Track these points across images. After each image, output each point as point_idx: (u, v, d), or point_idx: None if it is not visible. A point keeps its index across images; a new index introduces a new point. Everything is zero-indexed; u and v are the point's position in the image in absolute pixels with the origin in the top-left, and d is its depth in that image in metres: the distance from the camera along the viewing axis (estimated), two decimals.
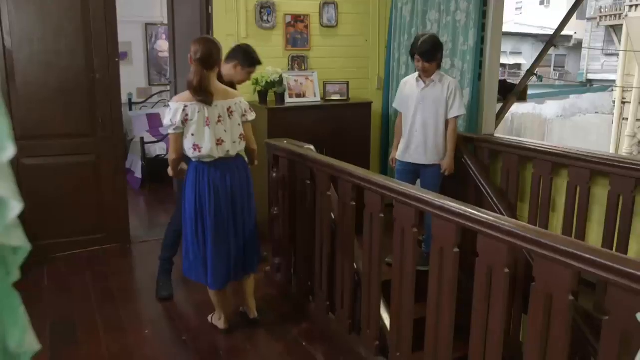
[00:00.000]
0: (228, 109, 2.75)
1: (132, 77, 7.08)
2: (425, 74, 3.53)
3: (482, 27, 3.91)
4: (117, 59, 4.14)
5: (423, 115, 3.58)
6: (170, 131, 2.72)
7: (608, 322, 1.56)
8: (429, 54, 3.44)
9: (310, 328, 3.09)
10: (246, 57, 3.42)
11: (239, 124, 2.80)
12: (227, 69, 3.36)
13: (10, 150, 0.80)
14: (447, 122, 3.58)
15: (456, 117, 3.60)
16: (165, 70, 7.53)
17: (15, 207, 0.80)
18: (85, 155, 4.13)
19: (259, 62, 3.51)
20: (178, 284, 3.69)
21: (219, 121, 2.72)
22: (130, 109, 7.28)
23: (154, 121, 7.10)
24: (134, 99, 7.41)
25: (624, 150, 12.58)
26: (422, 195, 2.22)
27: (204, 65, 2.67)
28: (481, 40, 3.95)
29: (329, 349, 2.88)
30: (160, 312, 3.29)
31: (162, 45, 7.52)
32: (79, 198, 4.11)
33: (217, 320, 3.07)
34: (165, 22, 6.88)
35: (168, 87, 7.34)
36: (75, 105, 4.03)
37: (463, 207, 2.01)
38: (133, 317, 3.22)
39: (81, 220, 4.12)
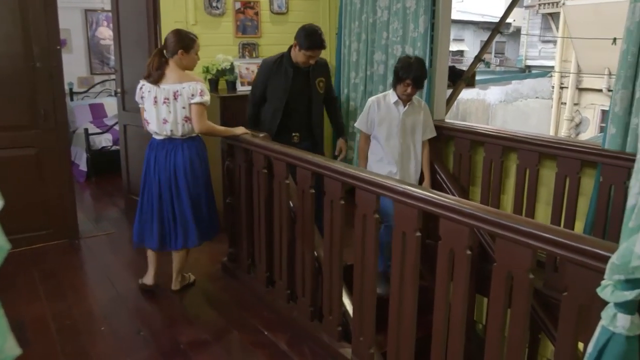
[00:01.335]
0: (174, 92, 3.02)
1: (72, 66, 6.78)
2: (408, 99, 3.31)
3: (432, 14, 3.95)
4: (58, 47, 3.94)
5: (406, 141, 3.37)
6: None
7: (567, 298, 1.62)
8: (422, 80, 3.26)
9: (271, 317, 3.08)
10: (304, 38, 3.34)
11: (184, 107, 3.04)
12: (292, 49, 3.42)
13: None
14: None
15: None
16: (108, 59, 7.26)
17: None
18: (27, 148, 3.93)
19: (317, 46, 3.38)
20: (132, 278, 3.60)
21: (164, 102, 3.04)
22: (72, 99, 6.98)
23: (98, 111, 6.85)
24: (75, 89, 7.12)
25: (562, 133, 13.15)
26: (383, 181, 2.24)
27: (158, 51, 3.10)
28: (431, 27, 4.00)
29: (292, 336, 2.88)
30: (115, 308, 3.20)
31: (104, 33, 7.24)
32: (22, 193, 3.91)
33: (145, 276, 3.34)
34: (106, 7, 6.64)
35: (112, 77, 7.08)
36: (14, 95, 3.82)
37: (425, 192, 2.04)
38: (86, 315, 3.11)
39: (26, 217, 3.93)
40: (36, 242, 3.99)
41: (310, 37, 3.34)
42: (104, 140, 6.15)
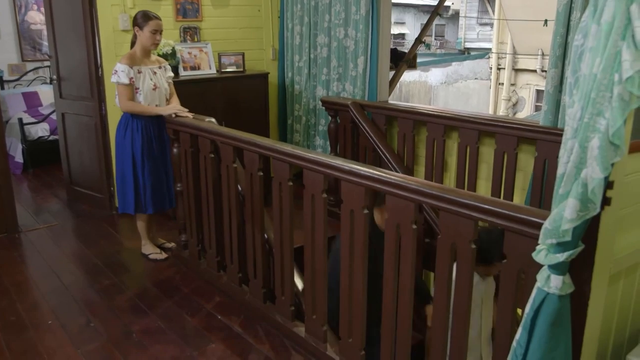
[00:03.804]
0: None
1: (1, 53, 6.47)
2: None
3: None
4: None
5: (489, 317, 2.70)
6: None
7: (506, 265, 1.72)
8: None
9: (223, 301, 3.09)
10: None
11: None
12: (377, 215, 2.82)
13: None
14: None
15: None
16: (40, 45, 6.94)
17: None
18: None
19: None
20: (79, 270, 3.52)
21: None
22: (2, 88, 6.65)
23: (32, 100, 6.55)
24: (6, 77, 6.77)
25: (500, 112, 13.63)
26: (330, 161, 2.28)
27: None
28: (372, 10, 4.05)
29: (245, 319, 2.90)
30: (62, 301, 3.12)
31: (34, 17, 6.91)
32: None
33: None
34: None
35: (46, 63, 6.80)
36: None
37: (371, 170, 2.10)
38: (32, 310, 3.02)
39: None
40: None
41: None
42: (41, 130, 5.91)
